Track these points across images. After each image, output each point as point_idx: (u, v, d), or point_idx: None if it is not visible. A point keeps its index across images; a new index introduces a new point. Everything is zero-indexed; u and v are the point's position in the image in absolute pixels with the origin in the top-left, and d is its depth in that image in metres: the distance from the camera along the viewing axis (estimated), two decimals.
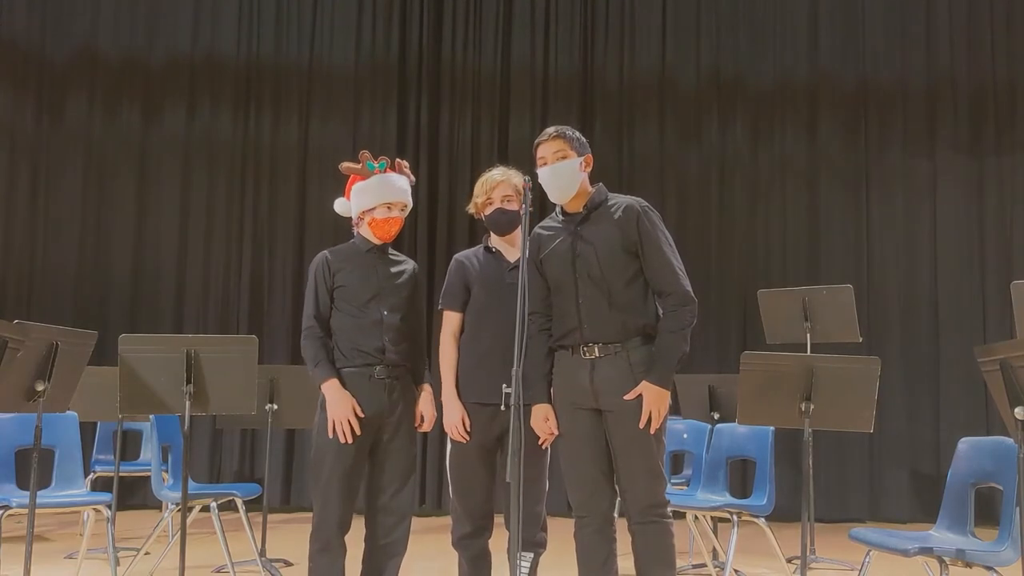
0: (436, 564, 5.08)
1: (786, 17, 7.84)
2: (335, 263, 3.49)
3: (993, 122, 7.61)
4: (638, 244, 3.12)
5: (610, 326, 3.09)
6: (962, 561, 3.27)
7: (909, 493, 7.27)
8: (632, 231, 3.12)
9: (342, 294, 3.45)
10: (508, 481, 2.71)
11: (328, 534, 3.34)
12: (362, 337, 3.40)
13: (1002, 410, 2.99)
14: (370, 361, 3.40)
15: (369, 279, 3.47)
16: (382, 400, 3.40)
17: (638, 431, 3.03)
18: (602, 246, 3.12)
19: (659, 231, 3.15)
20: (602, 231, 3.14)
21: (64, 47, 7.73)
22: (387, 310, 3.44)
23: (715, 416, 5.28)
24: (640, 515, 3.06)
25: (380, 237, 3.53)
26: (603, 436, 3.13)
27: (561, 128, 3.23)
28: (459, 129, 7.78)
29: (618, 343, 3.09)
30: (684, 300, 3.10)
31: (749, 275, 7.42)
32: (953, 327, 7.39)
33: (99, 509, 4.24)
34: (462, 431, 3.35)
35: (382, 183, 3.51)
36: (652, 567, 3.06)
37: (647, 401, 3.02)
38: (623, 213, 3.15)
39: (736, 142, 7.78)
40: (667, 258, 3.13)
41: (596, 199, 3.21)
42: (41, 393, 3.39)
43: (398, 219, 3.54)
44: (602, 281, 3.11)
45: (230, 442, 7.43)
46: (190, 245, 7.68)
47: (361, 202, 3.52)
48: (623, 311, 3.09)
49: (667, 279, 3.12)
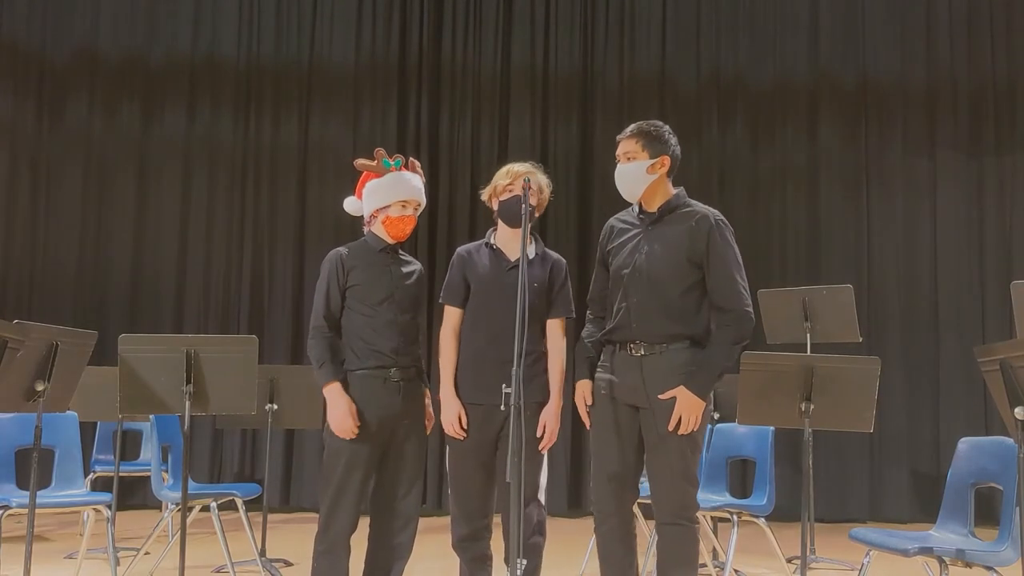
0: (437, 564, 5.07)
1: (786, 17, 7.84)
2: (349, 261, 3.45)
3: (993, 122, 7.61)
4: (704, 256, 3.12)
5: (657, 331, 3.10)
6: (962, 561, 3.27)
7: (909, 493, 7.26)
8: (701, 242, 3.12)
9: (355, 293, 3.42)
10: (508, 481, 2.70)
11: (335, 535, 3.32)
12: (376, 338, 3.37)
13: (1002, 410, 2.99)
14: (385, 363, 3.37)
15: (382, 279, 3.44)
16: (396, 403, 3.38)
17: (671, 431, 3.04)
18: (666, 251, 3.13)
19: (729, 246, 3.15)
20: (670, 236, 3.15)
21: (64, 47, 7.73)
22: (400, 311, 3.42)
23: (715, 416, 5.27)
24: (666, 516, 3.07)
25: (394, 236, 3.50)
26: (637, 434, 3.13)
27: (642, 127, 3.25)
28: (459, 129, 7.78)
29: (664, 344, 3.10)
30: (741, 318, 3.12)
31: (749, 275, 7.34)
32: (953, 327, 7.39)
33: (99, 509, 4.24)
34: (458, 428, 3.34)
35: (397, 181, 3.48)
36: (672, 569, 3.06)
37: (680, 405, 3.02)
38: (696, 223, 3.15)
39: (736, 142, 7.78)
40: (732, 274, 3.14)
41: (673, 203, 3.21)
42: (41, 393, 3.39)
43: (412, 218, 3.50)
44: (659, 285, 3.11)
45: (230, 442, 7.43)
46: (190, 245, 7.68)
47: (375, 200, 3.49)
48: (673, 318, 3.10)
49: (728, 295, 3.13)
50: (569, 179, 7.60)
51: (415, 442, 3.44)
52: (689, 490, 3.08)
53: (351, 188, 9.26)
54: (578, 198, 7.67)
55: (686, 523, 3.06)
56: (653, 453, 3.08)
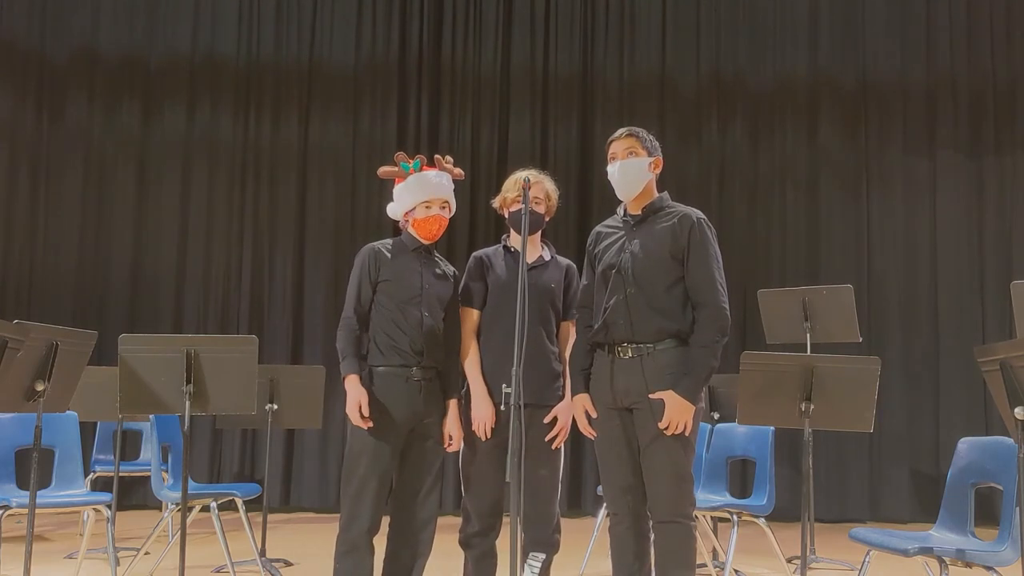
0: (439, 563, 5.06)
1: (786, 17, 7.84)
2: (382, 256, 3.47)
3: (992, 122, 7.61)
4: (685, 252, 3.15)
5: (645, 328, 3.12)
6: (962, 561, 3.27)
7: (909, 493, 7.27)
8: (683, 239, 3.15)
9: (385, 288, 3.43)
10: (508, 481, 2.70)
11: (357, 535, 3.30)
12: (401, 336, 3.38)
13: (1002, 410, 2.99)
14: (408, 362, 3.37)
15: (413, 278, 3.45)
16: (417, 402, 3.38)
17: (662, 431, 3.05)
18: (651, 248, 3.16)
19: (710, 244, 3.18)
20: (654, 235, 3.19)
21: (64, 47, 7.73)
22: (428, 312, 3.43)
23: (715, 416, 5.28)
24: (663, 515, 3.08)
25: (423, 236, 3.51)
26: (635, 436, 3.14)
27: (635, 128, 3.28)
28: (459, 129, 7.79)
29: (650, 344, 3.12)
30: (717, 315, 3.13)
31: (749, 275, 7.42)
32: (953, 327, 7.39)
33: (99, 509, 4.24)
34: (487, 430, 3.35)
35: (417, 183, 3.51)
36: (670, 568, 3.07)
37: (670, 410, 3.04)
38: (679, 221, 3.19)
39: (736, 142, 7.78)
40: (710, 271, 3.16)
41: (656, 204, 3.25)
42: (41, 393, 3.39)
43: (438, 217, 3.50)
44: (645, 282, 3.14)
45: (230, 442, 7.43)
46: (190, 245, 7.68)
47: (401, 204, 3.54)
48: (660, 315, 3.12)
49: (705, 291, 3.14)
50: (569, 179, 7.60)
51: (435, 442, 3.45)
52: (684, 488, 3.09)
53: (351, 188, 9.26)
54: (578, 198, 7.68)
55: (683, 521, 3.07)
56: (647, 453, 3.10)
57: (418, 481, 3.42)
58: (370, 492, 3.30)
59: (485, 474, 3.39)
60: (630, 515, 3.16)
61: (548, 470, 3.39)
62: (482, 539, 3.42)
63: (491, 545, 3.44)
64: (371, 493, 3.30)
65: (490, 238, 7.31)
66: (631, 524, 3.16)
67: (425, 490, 3.43)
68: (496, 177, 7.50)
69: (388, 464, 3.34)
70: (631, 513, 3.16)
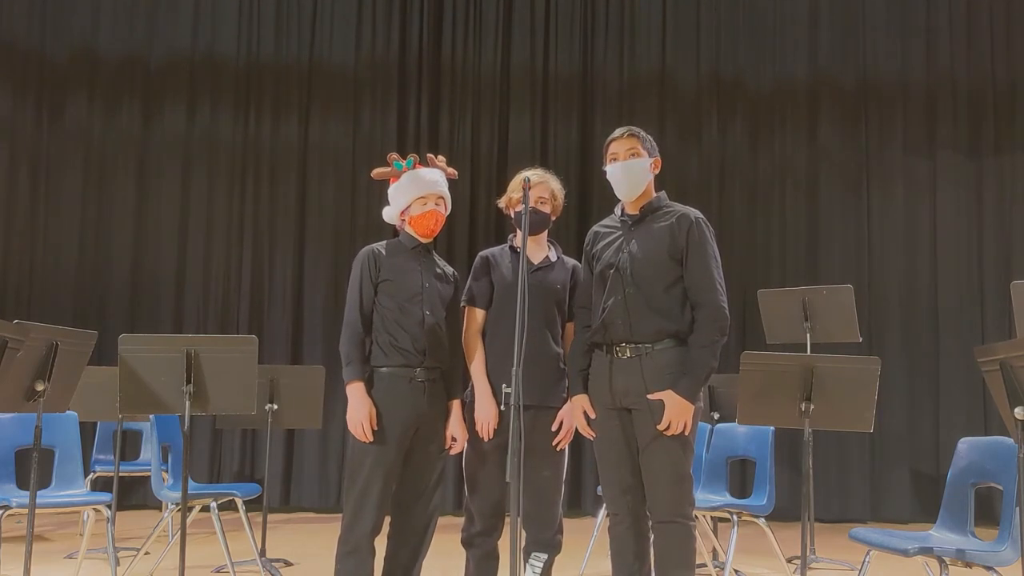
0: (439, 563, 5.07)
1: (786, 17, 7.84)
2: (381, 256, 3.47)
3: (992, 122, 7.62)
4: (684, 251, 3.15)
5: (644, 328, 3.12)
6: (962, 561, 3.27)
7: (909, 493, 7.27)
8: (681, 238, 3.15)
9: (386, 288, 3.42)
10: (507, 481, 2.70)
11: (359, 537, 3.29)
12: (404, 336, 3.37)
13: (1002, 410, 2.98)
14: (411, 362, 3.37)
15: (413, 276, 3.45)
16: (421, 403, 3.38)
17: (661, 431, 3.05)
18: (649, 248, 3.16)
19: (708, 244, 3.18)
20: (652, 234, 3.18)
21: (64, 47, 7.73)
22: (429, 310, 3.42)
23: (715, 416, 5.28)
24: (663, 515, 3.08)
25: (422, 234, 3.52)
26: (634, 436, 3.14)
27: (634, 128, 3.28)
28: (459, 129, 7.78)
29: (648, 344, 3.11)
30: (716, 315, 3.13)
31: (749, 275, 7.42)
32: (953, 327, 7.39)
33: (99, 509, 4.24)
34: (489, 430, 3.35)
35: (412, 179, 3.51)
36: (670, 568, 3.07)
37: (669, 410, 3.04)
38: (677, 220, 3.19)
39: (736, 142, 7.78)
40: (709, 271, 3.15)
41: (654, 204, 3.26)
42: (41, 393, 3.39)
43: (434, 212, 3.50)
44: (643, 283, 3.14)
45: (230, 442, 7.44)
46: (190, 245, 7.68)
47: (397, 203, 3.54)
48: (659, 315, 3.12)
49: (704, 291, 3.14)
50: (569, 179, 7.55)
51: (438, 442, 3.45)
52: (684, 488, 3.09)
53: (351, 188, 9.27)
54: (578, 198, 7.67)
55: (682, 521, 3.07)
56: (646, 453, 3.09)
57: (420, 482, 3.42)
58: (374, 493, 3.29)
59: (488, 474, 3.39)
60: (630, 515, 3.16)
61: (551, 471, 3.39)
62: (485, 539, 3.42)
63: (493, 545, 3.44)
64: (375, 494, 3.30)
65: (490, 238, 7.31)
66: (631, 524, 3.16)
67: (427, 491, 3.43)
68: (496, 177, 7.50)
69: (392, 465, 3.33)
70: (631, 513, 3.16)
